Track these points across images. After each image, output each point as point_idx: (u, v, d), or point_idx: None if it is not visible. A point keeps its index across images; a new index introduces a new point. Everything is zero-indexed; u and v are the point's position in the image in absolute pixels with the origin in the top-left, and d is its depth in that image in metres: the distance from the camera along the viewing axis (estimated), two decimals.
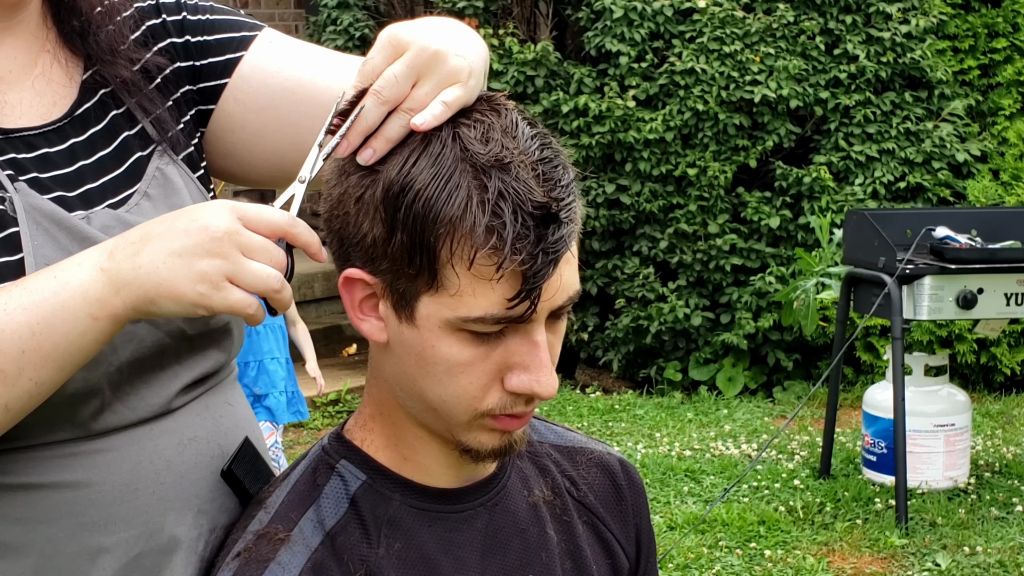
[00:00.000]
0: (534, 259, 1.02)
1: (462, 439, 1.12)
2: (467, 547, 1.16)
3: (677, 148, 6.31)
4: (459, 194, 1.03)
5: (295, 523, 1.11)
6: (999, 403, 6.08)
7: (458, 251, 1.03)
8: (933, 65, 6.36)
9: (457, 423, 1.10)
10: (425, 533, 1.14)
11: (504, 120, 1.07)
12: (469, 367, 1.07)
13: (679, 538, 4.31)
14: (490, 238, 1.01)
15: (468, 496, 1.18)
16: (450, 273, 1.03)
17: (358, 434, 1.18)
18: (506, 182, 1.03)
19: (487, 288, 1.03)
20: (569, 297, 1.08)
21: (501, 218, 1.01)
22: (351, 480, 1.14)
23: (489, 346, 1.07)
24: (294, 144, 1.29)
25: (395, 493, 1.15)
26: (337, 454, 1.16)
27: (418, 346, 1.08)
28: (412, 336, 1.08)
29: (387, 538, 1.13)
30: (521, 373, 1.08)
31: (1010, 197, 6.19)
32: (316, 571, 1.09)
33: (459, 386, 1.08)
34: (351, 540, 1.12)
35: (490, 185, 1.02)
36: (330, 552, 1.10)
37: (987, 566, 4.09)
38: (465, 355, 1.07)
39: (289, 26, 9.05)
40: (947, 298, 4.41)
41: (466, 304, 1.04)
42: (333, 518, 1.12)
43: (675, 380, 6.43)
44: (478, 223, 1.02)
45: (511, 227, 1.01)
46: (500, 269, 1.02)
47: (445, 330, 1.06)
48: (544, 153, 1.06)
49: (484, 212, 1.02)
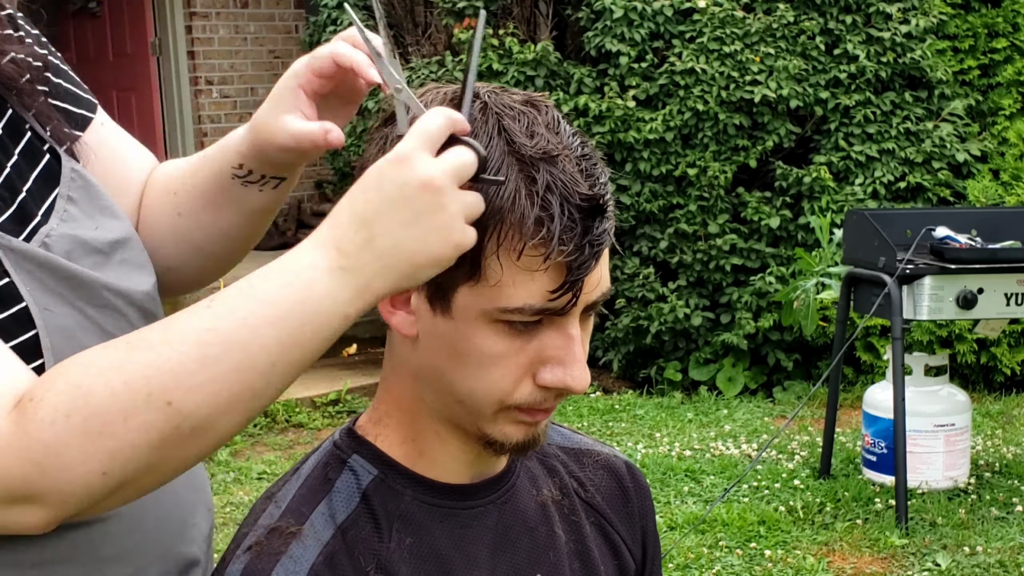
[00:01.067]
0: (580, 251, 1.04)
1: (488, 431, 1.12)
2: (478, 543, 1.16)
3: (677, 148, 6.31)
4: (508, 185, 1.03)
5: (307, 517, 1.11)
6: (999, 403, 6.08)
7: (505, 242, 1.03)
8: (933, 65, 6.36)
9: (484, 415, 1.11)
10: (436, 529, 1.14)
11: (546, 116, 1.09)
12: (503, 360, 1.08)
13: (679, 538, 4.31)
14: (539, 230, 1.03)
15: (479, 493, 1.18)
16: (494, 264, 1.04)
17: (371, 430, 1.18)
18: (553, 175, 1.04)
19: (528, 279, 1.04)
20: (603, 293, 1.10)
21: (549, 210, 1.03)
22: (363, 475, 1.15)
23: (524, 339, 1.08)
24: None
25: (407, 488, 1.15)
26: (349, 449, 1.17)
27: (452, 338, 1.08)
28: (447, 328, 1.08)
29: (399, 533, 1.13)
30: (555, 367, 1.09)
31: (1010, 197, 6.19)
32: (328, 564, 1.09)
33: (491, 379, 1.08)
34: (363, 534, 1.12)
35: (538, 177, 1.04)
36: (342, 546, 1.11)
37: (987, 566, 4.09)
38: (500, 347, 1.07)
39: (289, 26, 9.05)
40: (947, 298, 4.41)
41: (506, 295, 1.05)
42: (344, 512, 1.12)
43: (675, 380, 6.43)
44: (527, 215, 1.03)
45: (559, 219, 1.03)
46: (547, 260, 1.03)
47: (482, 321, 1.06)
48: (585, 150, 1.08)
49: (533, 204, 1.03)
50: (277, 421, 5.92)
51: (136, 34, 8.74)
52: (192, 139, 8.76)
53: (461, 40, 6.55)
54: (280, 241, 8.83)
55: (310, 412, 6.07)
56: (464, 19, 6.65)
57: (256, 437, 5.72)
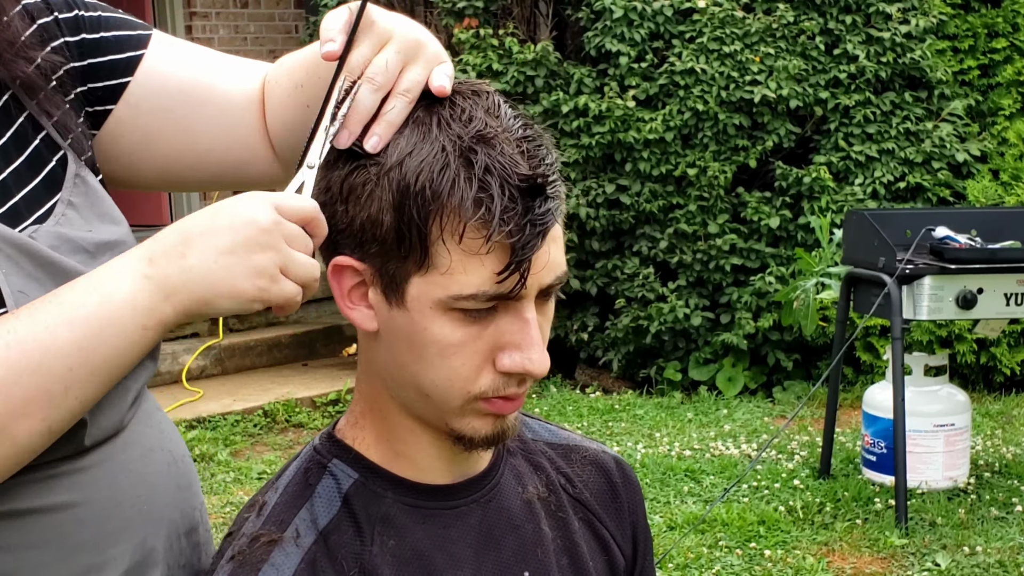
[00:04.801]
0: (522, 231, 1.04)
1: (455, 426, 1.12)
2: (460, 543, 1.16)
3: (677, 148, 6.31)
4: (446, 171, 1.04)
5: (288, 524, 1.12)
6: (999, 403, 6.08)
7: (447, 226, 1.04)
8: (933, 65, 6.36)
9: (450, 408, 1.11)
10: (418, 530, 1.14)
11: (486, 101, 1.09)
12: (461, 348, 1.08)
13: (679, 538, 4.31)
14: (478, 210, 1.03)
15: (461, 492, 1.18)
16: (441, 250, 1.04)
17: (349, 432, 1.18)
18: (491, 156, 1.04)
19: (477, 264, 1.04)
20: (557, 276, 1.09)
21: (488, 191, 1.03)
22: (343, 479, 1.15)
23: (480, 326, 1.08)
24: (186, 148, 1.27)
25: (387, 491, 1.15)
26: (329, 453, 1.17)
27: (409, 330, 1.08)
28: (403, 320, 1.08)
29: (380, 536, 1.13)
30: (513, 352, 1.08)
31: (1010, 197, 6.19)
32: (310, 570, 1.09)
33: (452, 368, 1.08)
34: (344, 538, 1.12)
35: (475, 160, 1.04)
36: (324, 551, 1.11)
37: (987, 566, 4.09)
38: (457, 336, 1.07)
39: (289, 26, 9.05)
40: (947, 298, 4.41)
41: (457, 282, 1.05)
42: (326, 517, 1.12)
43: (675, 380, 6.43)
44: (466, 197, 1.03)
45: (498, 199, 1.03)
46: (489, 241, 1.03)
47: (436, 311, 1.07)
48: (527, 132, 1.08)
49: (471, 186, 1.04)
50: (277, 421, 5.92)
51: None
52: None
53: (461, 40, 6.55)
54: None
55: (310, 412, 6.07)
56: (464, 19, 6.65)
57: (256, 437, 5.72)
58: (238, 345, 6.89)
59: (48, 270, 1.10)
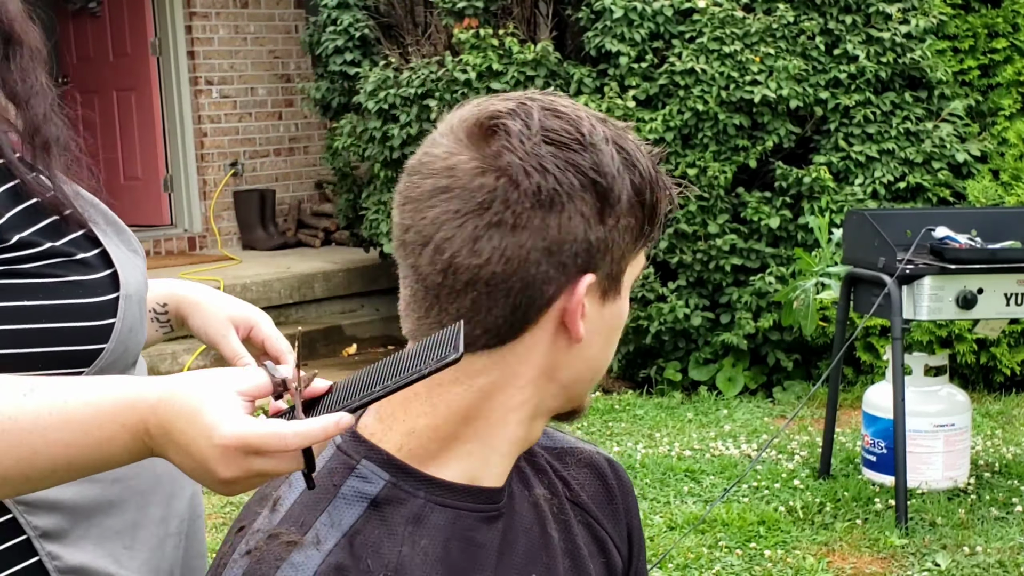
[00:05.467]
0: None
1: (586, 401, 1.19)
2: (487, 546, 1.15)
3: (677, 148, 6.31)
4: (654, 160, 1.13)
5: (309, 526, 1.09)
6: (999, 403, 6.08)
7: (660, 206, 1.13)
8: (933, 65, 6.36)
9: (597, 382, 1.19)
10: (449, 531, 1.13)
11: (635, 139, 1.16)
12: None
13: (679, 538, 4.31)
14: (672, 202, 1.15)
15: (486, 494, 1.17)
16: (658, 227, 1.14)
17: (384, 436, 1.15)
18: (665, 180, 1.16)
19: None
20: None
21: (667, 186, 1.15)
22: (373, 480, 1.12)
23: None
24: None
25: (419, 491, 1.13)
26: (357, 453, 1.14)
27: (617, 316, 1.15)
28: (614, 309, 1.14)
29: (412, 536, 1.11)
30: None
31: (1010, 197, 6.19)
32: (331, 572, 1.07)
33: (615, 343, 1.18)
34: (371, 539, 1.10)
35: (660, 180, 1.15)
36: (348, 554, 1.08)
37: (987, 566, 4.09)
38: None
39: (289, 26, 9.05)
40: (947, 298, 4.41)
41: (639, 260, 1.13)
42: (351, 517, 1.10)
43: (675, 380, 6.43)
44: (670, 186, 1.14)
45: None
46: (665, 221, 1.16)
47: (628, 289, 1.14)
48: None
49: (667, 188, 1.15)
50: None
51: (136, 34, 8.74)
52: (192, 139, 8.76)
53: (461, 40, 6.55)
54: (280, 241, 8.82)
55: None
56: (464, 19, 6.65)
57: None
58: None
59: (115, 227, 1.28)
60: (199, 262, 8.12)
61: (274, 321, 1.47)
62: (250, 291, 7.37)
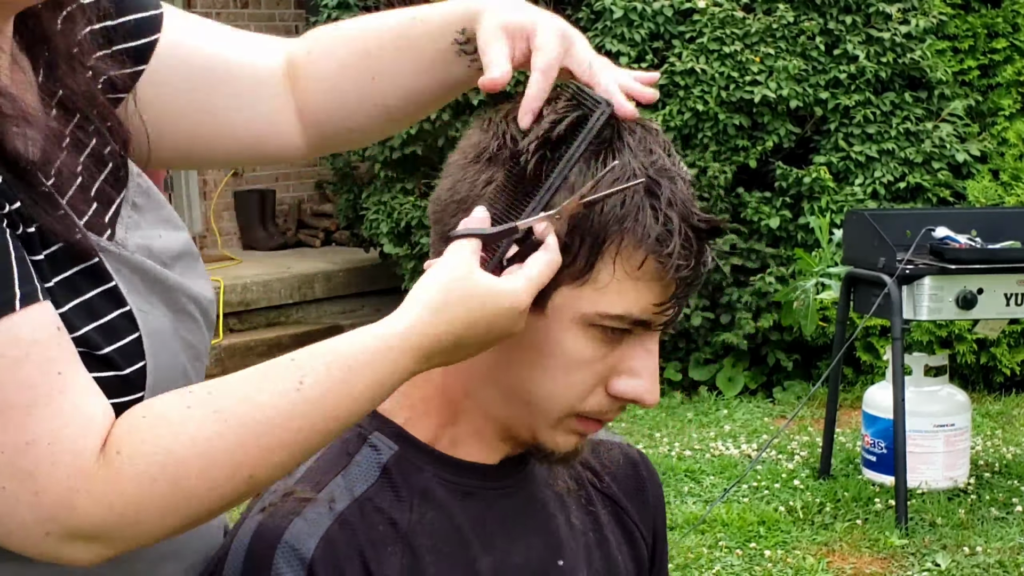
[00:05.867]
0: (693, 271, 1.07)
1: (541, 438, 1.14)
2: (495, 524, 1.17)
3: (677, 148, 6.30)
4: (635, 198, 1.06)
5: (324, 486, 1.12)
6: (999, 403, 6.08)
7: (624, 252, 1.06)
8: (933, 65, 6.36)
9: (547, 420, 1.12)
10: (456, 507, 1.15)
11: (658, 138, 1.11)
12: (586, 365, 1.10)
13: (679, 538, 4.31)
14: (662, 246, 1.06)
15: (499, 473, 1.18)
16: (606, 268, 1.06)
17: (399, 413, 1.18)
18: (674, 193, 1.07)
19: (633, 289, 1.07)
20: (677, 312, 1.13)
21: (669, 227, 1.06)
22: (384, 450, 1.15)
23: (609, 347, 1.10)
24: (208, 125, 1.27)
25: (427, 465, 1.15)
26: (370, 426, 1.17)
27: (541, 337, 1.09)
28: (537, 327, 1.09)
29: (419, 507, 1.13)
30: (630, 379, 1.11)
31: (1010, 197, 6.19)
32: (343, 531, 1.10)
33: (570, 383, 1.10)
34: (383, 504, 1.12)
35: (660, 193, 1.07)
36: (358, 515, 1.11)
37: (987, 566, 4.10)
38: (587, 353, 1.09)
39: (289, 26, 9.05)
40: (947, 298, 4.41)
41: (609, 300, 1.07)
42: (364, 484, 1.13)
43: (675, 380, 6.43)
44: (650, 227, 1.06)
45: (677, 236, 1.06)
46: (665, 276, 1.06)
47: (576, 324, 1.08)
48: (689, 176, 1.11)
49: (656, 219, 1.06)
50: None
51: None
52: None
53: None
54: (280, 241, 8.83)
55: None
56: None
57: None
58: (238, 345, 6.89)
59: (156, 287, 1.13)
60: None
61: (274, 321, 1.43)
62: (250, 291, 7.37)
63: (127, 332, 1.08)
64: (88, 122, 1.15)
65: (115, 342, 1.07)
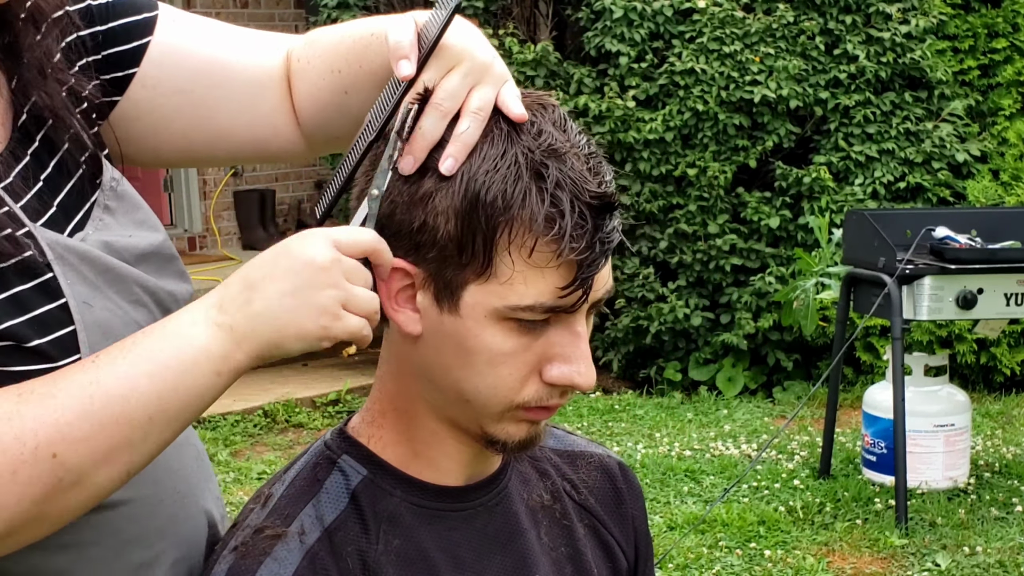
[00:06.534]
0: (591, 249, 1.05)
1: (490, 431, 1.13)
2: (465, 546, 1.16)
3: (677, 148, 6.31)
4: (519, 184, 1.04)
5: (293, 518, 1.12)
6: (999, 403, 6.08)
7: (516, 239, 1.04)
8: (933, 65, 6.36)
9: (489, 414, 1.11)
10: (424, 531, 1.14)
11: (552, 115, 1.09)
12: (511, 357, 1.08)
13: (679, 538, 4.31)
14: (550, 227, 1.04)
15: (469, 495, 1.18)
16: (505, 260, 1.05)
17: (365, 431, 1.18)
18: (563, 172, 1.05)
19: (538, 277, 1.05)
20: (607, 290, 1.11)
21: (559, 207, 1.04)
22: (352, 475, 1.15)
23: (531, 337, 1.08)
24: (206, 126, 1.27)
25: (396, 489, 1.15)
26: (340, 449, 1.16)
27: (460, 336, 1.08)
28: (454, 326, 1.08)
29: (386, 534, 1.13)
30: (561, 364, 1.09)
31: (1010, 197, 6.19)
32: (312, 567, 1.09)
33: (499, 377, 1.09)
34: (350, 535, 1.12)
35: (547, 174, 1.05)
36: (327, 548, 1.10)
37: (987, 566, 4.10)
38: (508, 345, 1.08)
39: (289, 26, 9.05)
40: (947, 298, 4.41)
41: (516, 292, 1.06)
42: (333, 513, 1.12)
43: (675, 380, 6.43)
44: (537, 211, 1.04)
45: (569, 216, 1.04)
46: (560, 257, 1.04)
47: (491, 319, 1.07)
48: (591, 148, 1.09)
49: (543, 201, 1.04)
50: (277, 421, 5.92)
51: None
52: None
53: None
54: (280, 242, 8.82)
55: (310, 412, 6.07)
56: None
57: (256, 437, 5.72)
58: None
59: (106, 276, 1.12)
60: (199, 262, 8.12)
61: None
62: None
63: (61, 325, 1.08)
64: (62, 130, 1.16)
65: (47, 335, 1.07)
